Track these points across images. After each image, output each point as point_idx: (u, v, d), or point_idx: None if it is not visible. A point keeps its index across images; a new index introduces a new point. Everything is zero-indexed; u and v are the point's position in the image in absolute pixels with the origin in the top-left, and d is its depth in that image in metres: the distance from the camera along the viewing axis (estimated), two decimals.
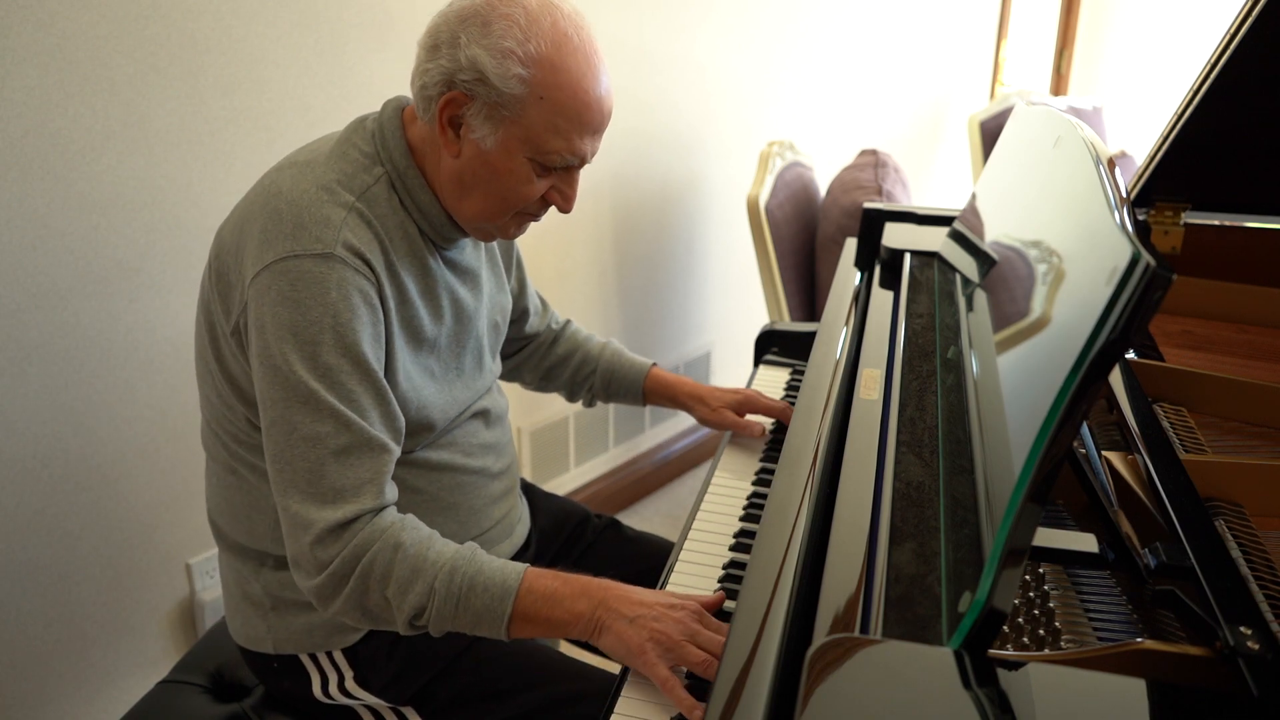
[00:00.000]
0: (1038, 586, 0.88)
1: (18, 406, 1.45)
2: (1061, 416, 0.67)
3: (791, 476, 1.04)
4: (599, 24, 1.37)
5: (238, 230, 1.04)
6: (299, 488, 0.99)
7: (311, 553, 0.98)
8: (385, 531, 0.99)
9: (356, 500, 0.99)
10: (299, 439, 0.99)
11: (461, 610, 0.98)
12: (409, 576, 0.98)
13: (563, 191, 1.11)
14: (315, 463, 0.98)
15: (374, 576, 0.98)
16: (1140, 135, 4.22)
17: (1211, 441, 1.07)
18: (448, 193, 1.09)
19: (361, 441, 1.00)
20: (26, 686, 1.56)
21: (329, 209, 1.02)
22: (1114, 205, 0.81)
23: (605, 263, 2.49)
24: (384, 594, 0.99)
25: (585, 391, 1.50)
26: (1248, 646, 0.68)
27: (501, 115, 1.02)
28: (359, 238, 1.02)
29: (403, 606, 0.98)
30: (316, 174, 1.04)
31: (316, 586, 1.00)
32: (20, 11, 1.34)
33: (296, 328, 0.98)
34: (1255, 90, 1.27)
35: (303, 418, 0.98)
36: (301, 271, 0.98)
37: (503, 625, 0.98)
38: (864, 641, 0.70)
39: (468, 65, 1.00)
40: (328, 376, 0.99)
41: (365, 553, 0.98)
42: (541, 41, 1.00)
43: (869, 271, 1.56)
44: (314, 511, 0.98)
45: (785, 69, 2.92)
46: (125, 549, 1.63)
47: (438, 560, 0.99)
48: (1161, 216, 1.44)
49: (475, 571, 0.99)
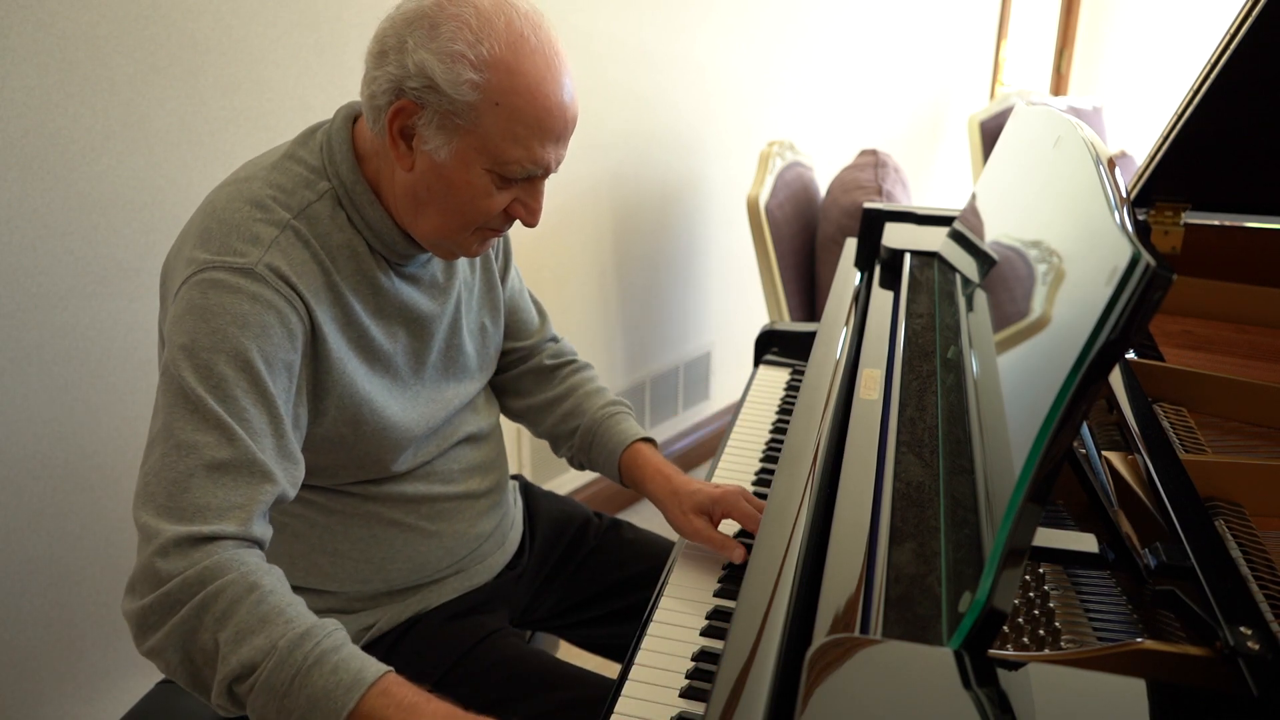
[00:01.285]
0: (1038, 586, 0.88)
1: (18, 406, 1.45)
2: (1061, 416, 0.67)
3: (791, 476, 1.04)
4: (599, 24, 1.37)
5: (175, 253, 1.00)
6: (156, 499, 0.87)
7: (150, 564, 0.84)
8: (245, 567, 0.85)
9: (218, 521, 0.87)
10: (173, 446, 0.89)
11: (298, 686, 0.81)
12: (254, 624, 0.83)
13: (526, 204, 1.02)
14: (183, 474, 0.88)
15: (213, 611, 0.83)
16: (1140, 135, 4.22)
17: (1211, 441, 1.07)
18: (402, 208, 1.02)
19: (243, 462, 0.90)
20: (26, 686, 1.56)
21: (259, 227, 0.96)
22: (1114, 205, 0.81)
23: (605, 263, 2.49)
24: (215, 636, 0.83)
25: (567, 449, 1.33)
26: (1248, 646, 0.68)
27: (455, 124, 0.95)
28: (289, 258, 0.97)
29: (229, 658, 0.82)
30: (253, 190, 0.99)
31: (143, 608, 0.84)
32: (20, 11, 1.34)
33: (196, 334, 0.91)
34: (1255, 90, 1.27)
35: (183, 424, 0.89)
36: (215, 281, 0.93)
37: (339, 714, 0.81)
38: (864, 641, 0.70)
39: (416, 71, 0.93)
40: (220, 388, 0.90)
41: (213, 580, 0.84)
42: (495, 43, 0.93)
43: (869, 271, 1.56)
44: (165, 524, 0.86)
45: (785, 69, 2.92)
46: (125, 549, 1.63)
47: (294, 620, 0.84)
48: (1161, 216, 1.44)
49: (332, 648, 0.84)
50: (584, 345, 2.49)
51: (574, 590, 1.38)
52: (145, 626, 0.85)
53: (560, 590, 1.38)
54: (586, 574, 1.38)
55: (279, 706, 0.82)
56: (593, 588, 1.37)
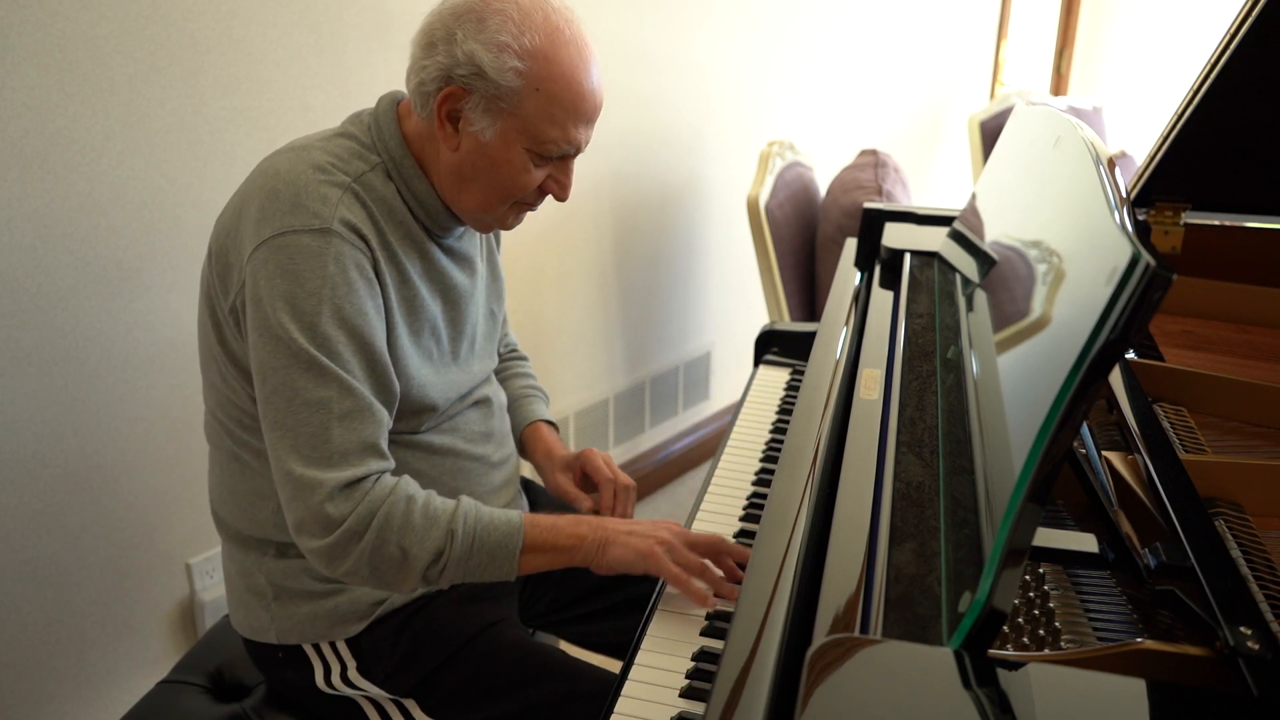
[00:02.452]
0: (1038, 586, 0.88)
1: (18, 406, 1.45)
2: (1061, 416, 0.67)
3: (791, 476, 1.04)
4: (599, 24, 1.38)
5: (235, 213, 1.07)
6: (302, 453, 1.01)
7: (322, 511, 1.00)
8: (395, 488, 1.04)
9: (362, 462, 1.03)
10: (301, 404, 1.01)
11: (477, 549, 1.05)
12: (425, 525, 1.03)
13: (559, 180, 1.13)
14: (320, 427, 1.01)
15: (392, 528, 1.02)
16: (1140, 135, 4.22)
17: (1211, 441, 1.07)
18: (447, 185, 1.11)
19: (363, 406, 1.03)
20: (26, 686, 1.56)
21: (325, 188, 1.04)
22: (1114, 205, 0.81)
23: (605, 263, 2.49)
24: (400, 544, 1.02)
25: None
26: (1248, 646, 0.68)
27: (499, 108, 1.05)
28: (355, 215, 1.05)
29: (421, 554, 1.03)
30: (313, 157, 1.07)
31: (328, 546, 1.01)
32: (20, 11, 1.34)
33: (294, 299, 1.00)
34: (1255, 90, 1.27)
35: (306, 383, 1.01)
36: (299, 246, 1.01)
37: (515, 557, 1.05)
38: (864, 641, 0.70)
39: (465, 60, 1.03)
40: (326, 345, 1.01)
41: (379, 507, 1.02)
42: (536, 34, 1.03)
43: (869, 271, 1.56)
44: (322, 473, 1.00)
45: (785, 69, 2.92)
46: (125, 549, 1.63)
47: (445, 508, 1.05)
48: (1161, 216, 1.44)
49: (483, 514, 1.06)
50: (584, 345, 2.49)
51: (570, 584, 1.40)
52: (333, 558, 1.02)
53: (556, 584, 1.40)
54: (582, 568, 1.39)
55: (466, 569, 1.05)
56: (589, 582, 1.39)
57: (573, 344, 2.46)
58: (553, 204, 2.23)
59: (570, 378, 2.45)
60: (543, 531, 1.08)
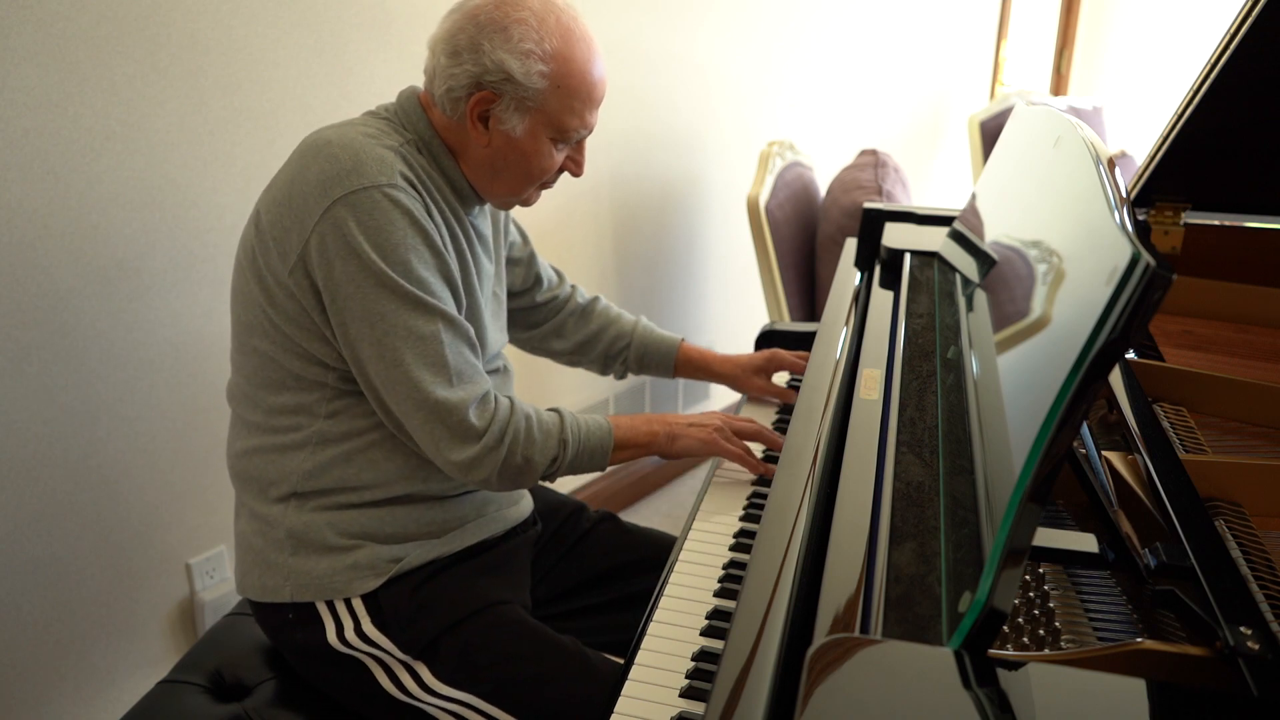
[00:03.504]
0: (1038, 586, 0.88)
1: (18, 406, 1.45)
2: (1061, 416, 0.67)
3: (791, 476, 1.04)
4: (600, 24, 1.38)
5: (290, 183, 1.13)
6: (429, 379, 1.12)
7: (464, 424, 1.13)
8: (514, 406, 1.19)
9: (480, 380, 1.16)
10: (418, 339, 1.11)
11: (582, 451, 1.22)
12: (544, 438, 1.19)
13: (576, 160, 1.26)
14: (438, 355, 1.12)
15: (519, 442, 1.17)
16: (1140, 135, 4.22)
17: (1211, 441, 1.07)
18: (480, 175, 1.22)
19: (464, 333, 1.16)
20: (26, 686, 1.56)
21: (379, 149, 1.13)
22: (1114, 205, 0.81)
23: (605, 263, 2.49)
24: (525, 455, 1.18)
25: (619, 364, 1.58)
26: (1248, 646, 0.68)
27: (527, 107, 1.16)
28: (409, 172, 1.14)
29: (542, 461, 1.19)
30: (358, 128, 1.16)
31: (472, 457, 1.14)
32: (20, 11, 1.34)
33: (385, 249, 1.09)
34: (1255, 90, 1.27)
35: (417, 321, 1.11)
36: (374, 202, 1.09)
37: (609, 454, 1.25)
38: (864, 641, 0.70)
39: (494, 68, 1.13)
40: (423, 286, 1.12)
41: (508, 425, 1.16)
42: (554, 38, 1.14)
43: (869, 271, 1.56)
44: (456, 392, 1.13)
45: (785, 69, 2.92)
46: (125, 549, 1.63)
47: (555, 421, 1.22)
48: (1161, 216, 1.44)
49: (580, 422, 1.24)
50: None
51: (567, 576, 1.42)
52: (474, 467, 1.15)
53: (555, 575, 1.42)
54: (579, 559, 1.44)
55: (573, 467, 1.23)
56: (586, 574, 1.42)
57: None
58: (552, 205, 2.25)
59: (570, 377, 2.45)
60: (626, 431, 1.26)
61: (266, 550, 1.21)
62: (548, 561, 1.42)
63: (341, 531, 1.19)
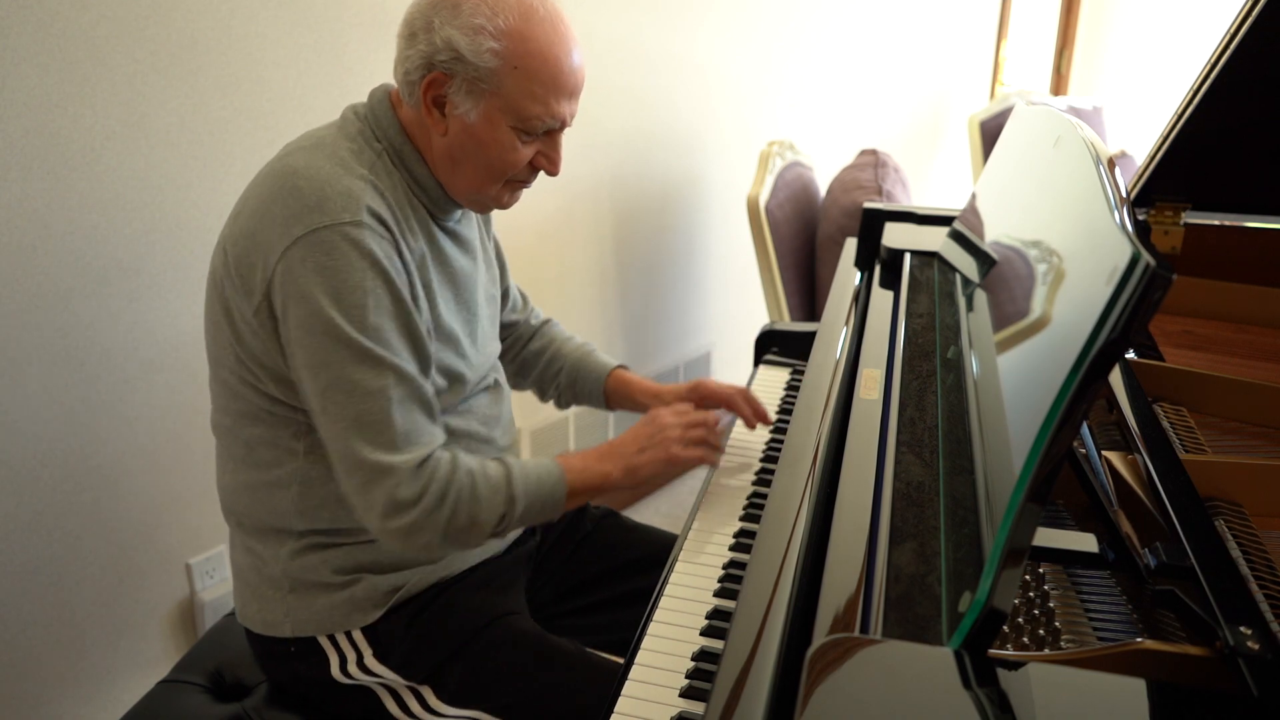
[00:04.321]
0: (1038, 586, 0.88)
1: (18, 406, 1.45)
2: (1061, 416, 0.67)
3: (791, 476, 1.04)
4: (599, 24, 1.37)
5: (255, 215, 1.07)
6: (369, 439, 1.05)
7: (398, 493, 1.06)
8: (456, 464, 1.11)
9: (424, 442, 1.09)
10: (362, 394, 1.05)
11: (531, 504, 1.14)
12: (489, 494, 1.12)
13: (548, 155, 1.16)
14: (382, 414, 1.05)
15: (462, 501, 1.10)
16: (1140, 135, 4.22)
17: (1211, 441, 1.07)
18: (442, 169, 1.14)
19: (415, 390, 1.09)
20: (26, 686, 1.56)
21: (347, 181, 1.07)
22: (1114, 205, 0.81)
23: (605, 263, 2.49)
24: (470, 515, 1.10)
25: (553, 390, 1.50)
26: (1248, 646, 0.68)
27: (480, 89, 1.08)
28: (378, 205, 1.08)
29: (489, 520, 1.12)
30: (327, 152, 1.10)
31: (408, 525, 1.07)
32: (20, 11, 1.34)
33: (340, 294, 1.03)
34: (1255, 90, 1.27)
35: (363, 375, 1.05)
36: (334, 241, 1.03)
37: (561, 505, 1.17)
38: (864, 641, 0.70)
39: (443, 46, 1.06)
40: (378, 336, 1.05)
41: (449, 486, 1.09)
42: (509, 15, 1.07)
43: (869, 271, 1.56)
44: (392, 457, 1.06)
45: (785, 69, 2.92)
46: (125, 549, 1.63)
47: (500, 475, 1.13)
48: (1161, 216, 1.44)
49: (529, 473, 1.15)
50: None
51: (570, 575, 1.41)
52: (412, 532, 1.08)
53: (557, 576, 1.41)
54: (582, 559, 1.43)
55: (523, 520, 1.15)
56: (588, 572, 1.42)
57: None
58: (552, 205, 2.24)
59: None
60: (578, 475, 1.18)
61: (263, 586, 1.19)
62: (552, 564, 1.41)
63: (338, 569, 1.17)
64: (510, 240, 2.15)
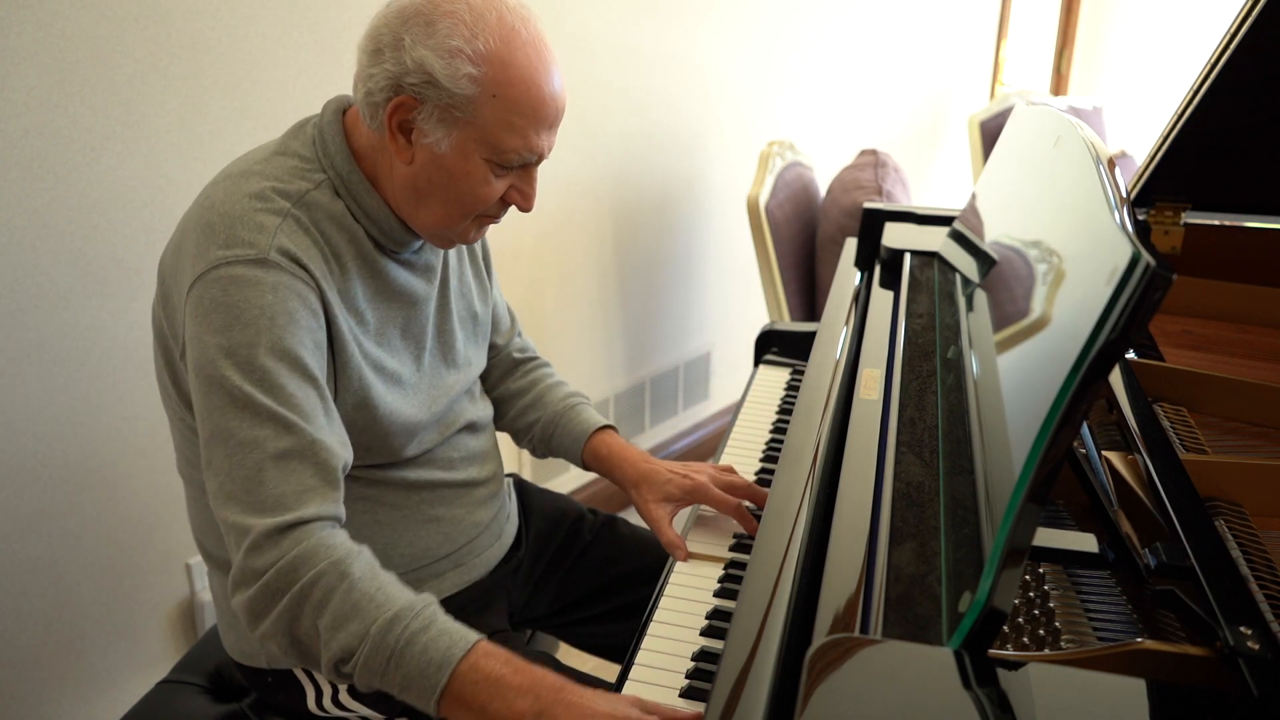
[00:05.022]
0: (1038, 586, 0.88)
1: (17, 406, 1.45)
2: (1061, 416, 0.67)
3: (791, 476, 1.04)
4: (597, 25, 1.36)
5: (175, 250, 1.01)
6: (235, 497, 0.92)
7: (245, 561, 0.90)
8: (335, 553, 0.91)
9: (298, 507, 0.92)
10: (235, 445, 0.92)
11: (392, 669, 0.87)
12: (347, 613, 0.88)
13: (522, 190, 1.06)
14: (253, 469, 0.92)
15: (311, 600, 0.89)
16: (1140, 135, 4.22)
17: (1211, 441, 1.07)
18: (402, 200, 1.04)
19: (303, 445, 0.94)
20: (26, 686, 1.56)
21: (262, 216, 0.97)
22: (1114, 205, 0.81)
23: (605, 263, 2.49)
24: (315, 623, 0.89)
25: (526, 440, 1.36)
26: (1248, 646, 0.68)
27: (454, 117, 0.98)
28: (296, 244, 0.98)
29: (330, 644, 0.89)
30: (250, 184, 1.00)
31: (249, 599, 0.91)
32: (20, 11, 1.34)
33: (230, 331, 0.93)
34: (1255, 90, 1.27)
35: (239, 423, 0.92)
36: (234, 277, 0.94)
37: (433, 699, 0.86)
38: (864, 641, 0.70)
39: (415, 68, 0.96)
40: (265, 380, 0.93)
41: (307, 571, 0.89)
42: (490, 38, 0.96)
43: (869, 271, 1.56)
44: (251, 519, 0.91)
45: (785, 69, 2.92)
46: (125, 549, 1.63)
47: (384, 605, 0.89)
48: (1161, 216, 1.44)
49: (420, 629, 0.88)
50: (584, 345, 2.49)
51: (570, 586, 1.38)
52: (254, 615, 0.91)
53: (556, 586, 1.39)
54: (582, 570, 1.39)
55: (381, 684, 0.89)
56: (589, 584, 1.38)
57: (573, 344, 2.46)
58: (552, 205, 2.25)
59: (570, 377, 2.44)
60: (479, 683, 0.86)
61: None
62: (557, 573, 1.38)
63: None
64: (510, 240, 2.15)
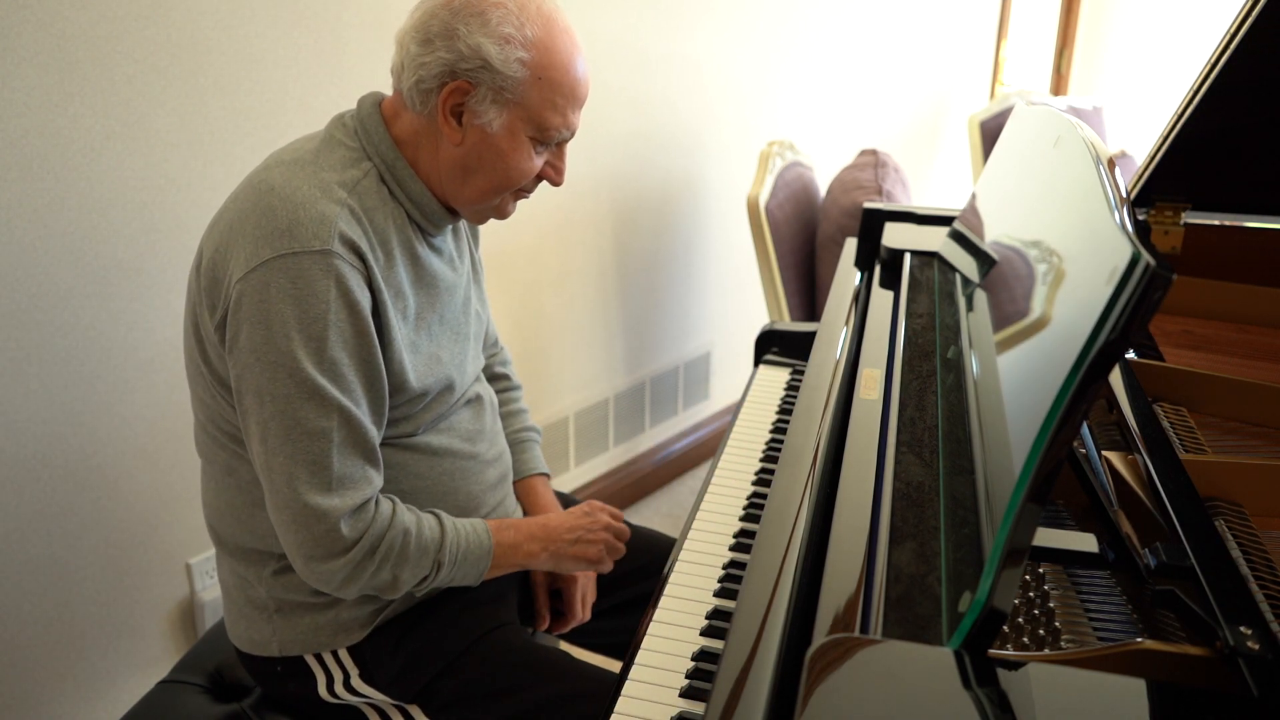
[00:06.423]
0: (1038, 586, 0.88)
1: (18, 406, 1.45)
2: (1061, 416, 0.67)
3: (791, 476, 1.04)
4: (597, 24, 1.37)
5: (228, 229, 1.05)
6: (306, 480, 1.03)
7: (331, 536, 1.04)
8: (393, 518, 1.09)
9: (363, 487, 1.06)
10: (303, 433, 1.02)
11: (454, 573, 1.14)
12: (418, 556, 1.10)
13: (555, 166, 1.17)
14: (321, 455, 1.03)
15: (391, 559, 1.08)
16: (1140, 135, 4.22)
17: (1211, 441, 1.07)
18: (448, 179, 1.12)
19: (360, 433, 1.06)
20: (26, 686, 1.56)
21: (323, 205, 1.04)
22: (1114, 205, 0.81)
23: (605, 263, 2.49)
24: (394, 572, 1.09)
25: None
26: (1248, 646, 0.68)
27: (505, 98, 1.07)
28: (352, 231, 1.05)
29: (411, 580, 1.11)
30: (307, 171, 1.07)
31: (334, 570, 1.06)
32: (20, 11, 1.34)
33: (302, 323, 1.01)
34: (1255, 90, 1.27)
35: (309, 413, 1.02)
36: (301, 269, 1.01)
37: (482, 575, 1.17)
38: (864, 641, 0.70)
39: (470, 54, 1.05)
40: (333, 370, 1.03)
41: (382, 539, 1.08)
42: (535, 25, 1.07)
43: (869, 271, 1.56)
44: (326, 500, 1.03)
45: (785, 68, 2.92)
46: (125, 549, 1.63)
47: (434, 539, 1.12)
48: (1161, 216, 1.44)
49: (461, 540, 1.14)
50: (584, 345, 2.49)
51: None
52: (334, 580, 1.07)
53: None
54: None
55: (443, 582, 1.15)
56: None
57: (573, 344, 2.46)
58: (552, 204, 2.24)
59: (570, 378, 2.45)
60: (505, 551, 1.18)
61: (248, 607, 1.18)
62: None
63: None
64: (510, 240, 2.15)
